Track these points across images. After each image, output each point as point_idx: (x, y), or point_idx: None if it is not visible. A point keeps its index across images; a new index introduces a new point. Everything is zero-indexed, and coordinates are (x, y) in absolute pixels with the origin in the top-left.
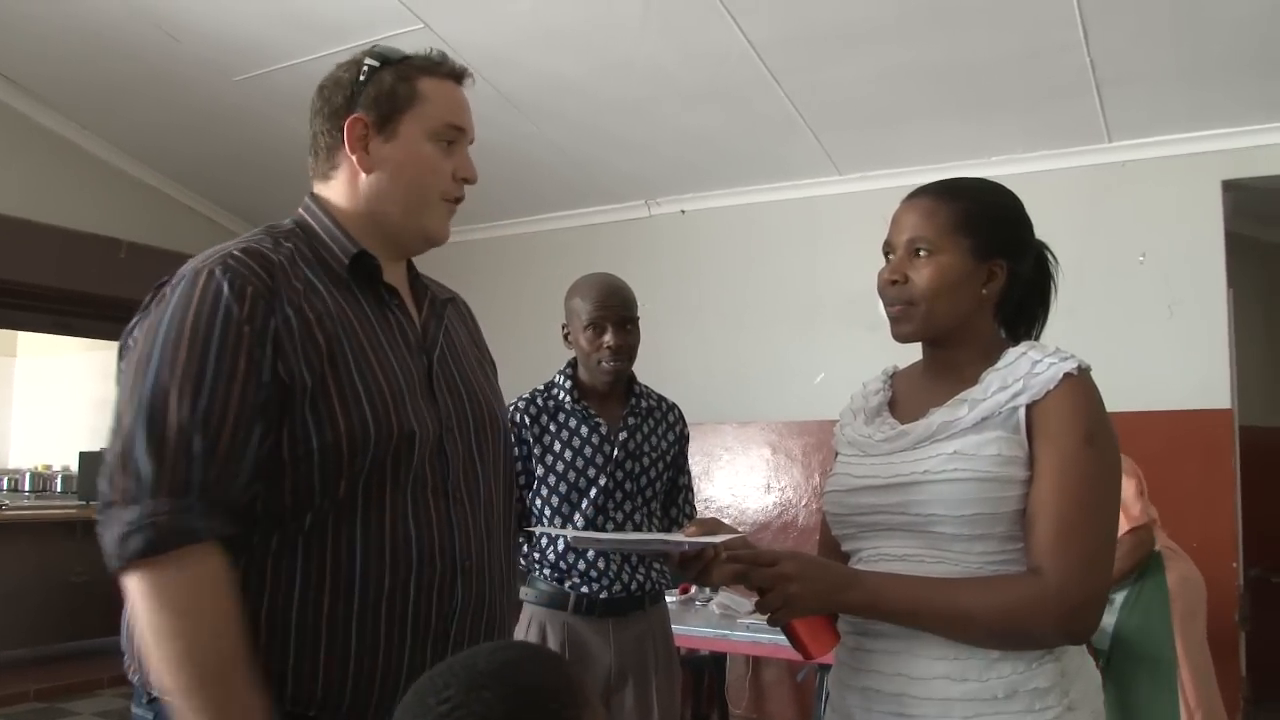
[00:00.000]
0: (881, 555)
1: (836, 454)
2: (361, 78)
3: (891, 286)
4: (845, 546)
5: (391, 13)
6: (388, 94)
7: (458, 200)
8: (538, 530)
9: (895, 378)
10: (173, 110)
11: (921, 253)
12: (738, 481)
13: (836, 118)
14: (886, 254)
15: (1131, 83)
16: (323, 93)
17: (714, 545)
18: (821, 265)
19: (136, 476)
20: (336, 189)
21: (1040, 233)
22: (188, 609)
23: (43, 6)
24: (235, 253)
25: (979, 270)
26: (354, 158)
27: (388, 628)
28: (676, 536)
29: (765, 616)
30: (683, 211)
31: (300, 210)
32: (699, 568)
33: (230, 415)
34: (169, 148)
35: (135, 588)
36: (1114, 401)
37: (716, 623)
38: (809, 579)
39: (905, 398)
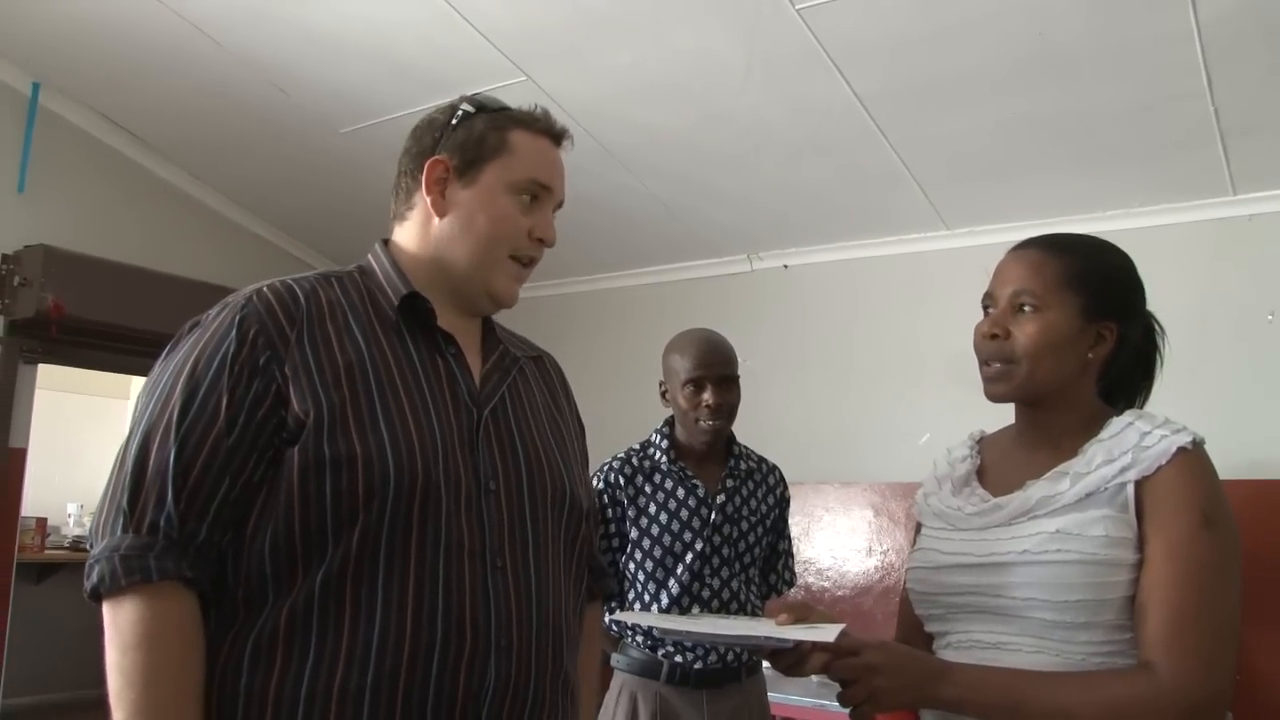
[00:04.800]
0: (972, 641)
1: (919, 525)
2: (454, 121)
3: (990, 341)
4: (930, 628)
5: (494, 65)
6: (476, 140)
7: (531, 262)
8: (613, 617)
9: (983, 444)
10: (281, 162)
11: (1026, 308)
12: (838, 543)
13: (944, 171)
14: (986, 307)
15: (1259, 132)
16: (415, 133)
17: (816, 643)
18: (928, 322)
19: (113, 512)
20: (408, 232)
21: (1160, 290)
22: (131, 645)
23: (166, 70)
24: (263, 288)
25: (1087, 331)
26: (429, 199)
27: (404, 703)
28: (772, 630)
29: (848, 711)
30: (785, 266)
31: (368, 255)
32: (791, 660)
33: (202, 458)
34: (277, 199)
35: (104, 619)
36: (1238, 469)
37: (815, 691)
38: (896, 671)
39: (996, 467)
